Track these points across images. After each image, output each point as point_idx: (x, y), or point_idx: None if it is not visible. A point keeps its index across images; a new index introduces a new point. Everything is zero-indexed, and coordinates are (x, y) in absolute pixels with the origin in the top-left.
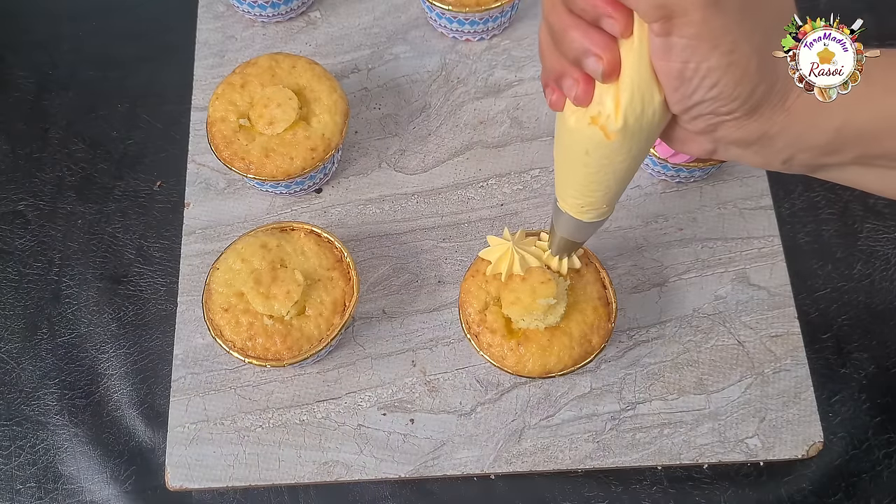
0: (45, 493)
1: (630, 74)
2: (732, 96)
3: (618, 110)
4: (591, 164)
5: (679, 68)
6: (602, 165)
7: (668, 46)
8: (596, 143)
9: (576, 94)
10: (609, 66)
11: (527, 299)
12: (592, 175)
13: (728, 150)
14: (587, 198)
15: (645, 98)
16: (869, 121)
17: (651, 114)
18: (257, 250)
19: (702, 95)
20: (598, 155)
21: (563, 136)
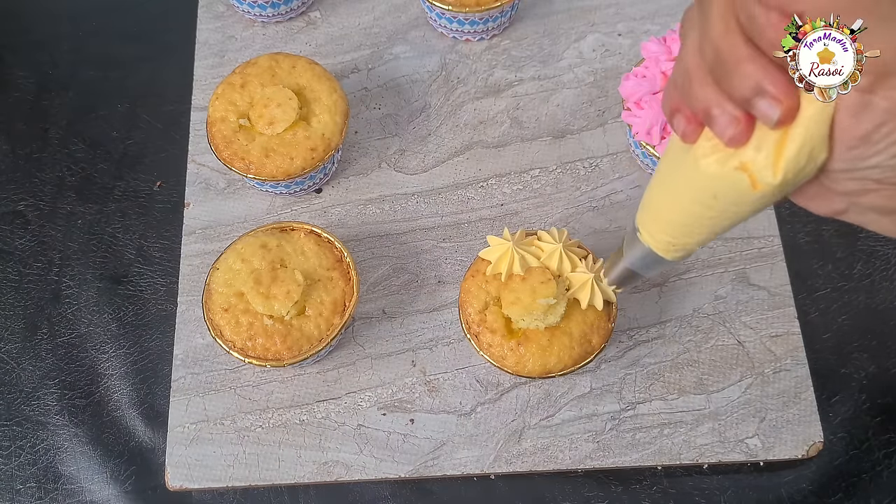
0: (45, 493)
1: (806, 125)
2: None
3: (778, 162)
4: (716, 208)
5: (868, 130)
6: (727, 213)
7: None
8: (734, 190)
9: (731, 134)
10: (786, 113)
11: (527, 299)
12: (708, 220)
13: (864, 214)
14: (685, 238)
15: (813, 153)
16: None
17: (811, 170)
18: (257, 250)
19: (878, 161)
20: (729, 202)
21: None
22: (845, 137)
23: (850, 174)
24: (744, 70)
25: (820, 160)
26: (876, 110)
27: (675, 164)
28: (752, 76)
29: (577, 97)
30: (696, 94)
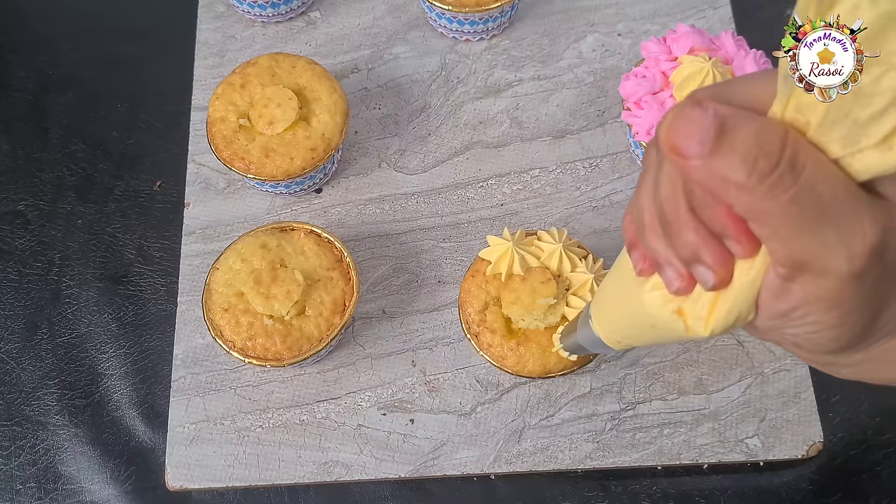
0: (45, 493)
1: (735, 293)
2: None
3: (710, 318)
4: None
5: (785, 310)
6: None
7: (784, 290)
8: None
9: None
10: (719, 282)
11: (527, 299)
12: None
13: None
14: (629, 341)
15: (740, 315)
16: None
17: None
18: (257, 250)
19: (796, 333)
20: (665, 333)
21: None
22: (766, 311)
23: (772, 334)
24: (685, 238)
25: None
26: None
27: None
28: (693, 245)
29: (576, 97)
30: (648, 243)
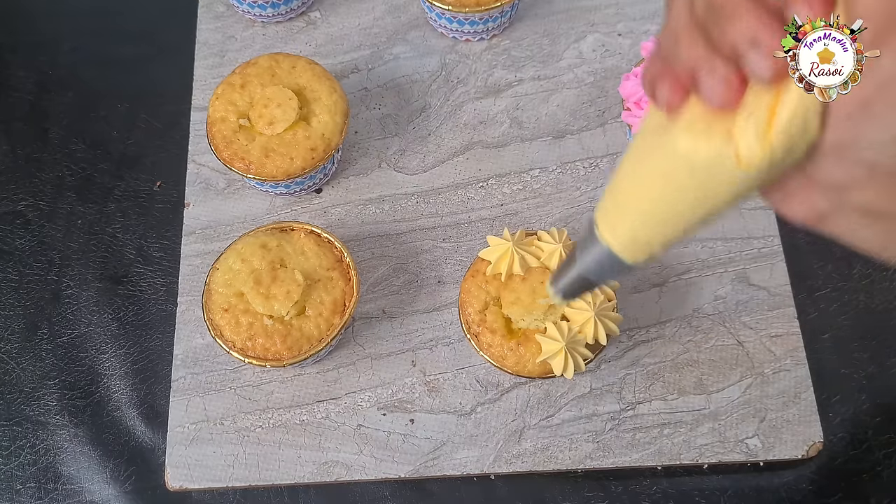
0: (45, 493)
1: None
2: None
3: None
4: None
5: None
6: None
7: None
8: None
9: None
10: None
11: (527, 299)
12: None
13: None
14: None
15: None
16: None
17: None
18: (257, 250)
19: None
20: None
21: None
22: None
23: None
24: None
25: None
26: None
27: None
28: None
29: (576, 97)
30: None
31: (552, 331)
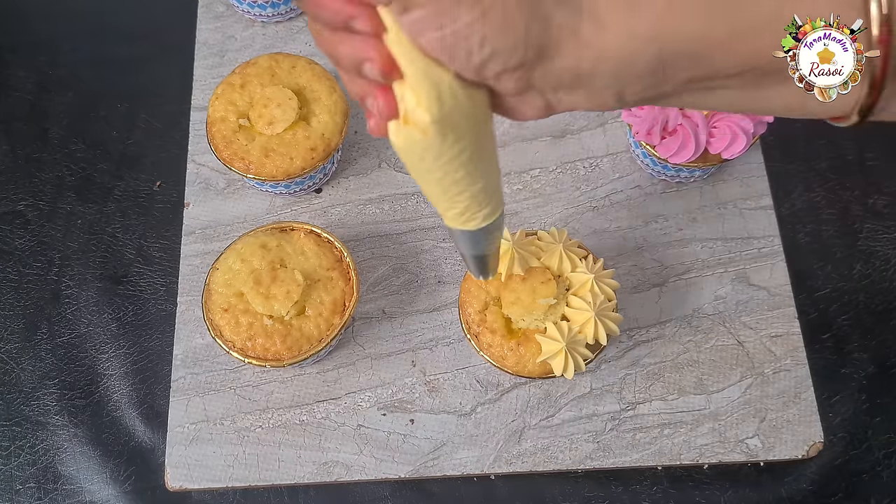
0: (44, 493)
1: (405, 65)
2: (508, 46)
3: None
4: (434, 168)
5: (438, 39)
6: (442, 165)
7: (416, 22)
8: (421, 146)
9: (379, 107)
10: (382, 63)
11: (527, 299)
12: (442, 180)
13: (558, 100)
14: (459, 204)
15: (434, 80)
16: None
17: (451, 94)
18: (257, 250)
19: (479, 57)
20: (431, 157)
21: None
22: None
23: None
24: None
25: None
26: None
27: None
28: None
29: None
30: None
31: (552, 331)
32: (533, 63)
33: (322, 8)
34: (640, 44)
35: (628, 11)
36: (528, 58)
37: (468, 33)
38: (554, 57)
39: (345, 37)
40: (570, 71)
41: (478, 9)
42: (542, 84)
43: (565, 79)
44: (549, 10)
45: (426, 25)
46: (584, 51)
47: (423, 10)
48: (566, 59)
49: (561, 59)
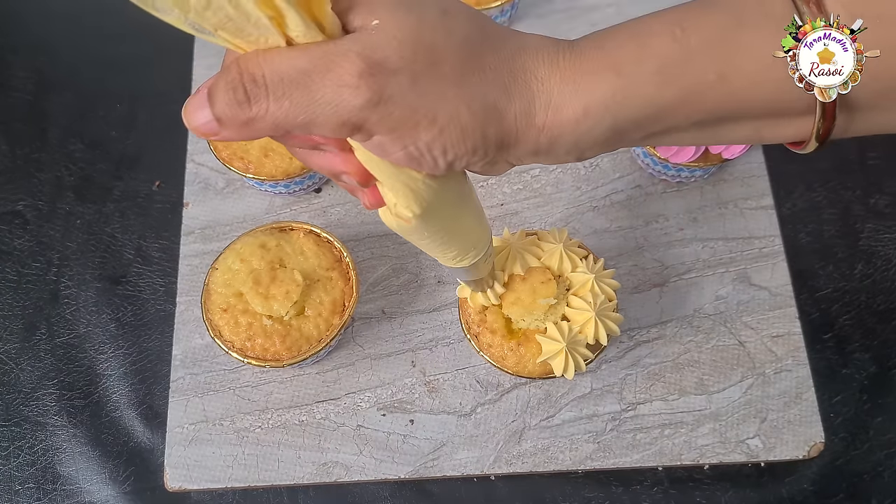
0: (43, 493)
1: (378, 175)
2: (469, 150)
3: (397, 202)
4: (422, 239)
5: (404, 155)
6: (430, 236)
7: (378, 146)
8: (408, 229)
9: (367, 201)
10: (359, 176)
11: (527, 299)
12: (431, 244)
13: (521, 162)
14: (449, 253)
15: (408, 182)
16: (636, 112)
17: (427, 188)
18: (256, 250)
19: (444, 162)
20: (418, 235)
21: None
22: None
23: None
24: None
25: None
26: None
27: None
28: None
29: None
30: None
31: (552, 331)
32: (495, 154)
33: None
34: (595, 118)
35: (580, 91)
36: (489, 153)
37: (430, 147)
38: (514, 145)
39: (317, 154)
40: (530, 150)
41: (434, 128)
42: (504, 159)
43: (527, 154)
44: (503, 106)
45: (389, 147)
46: (541, 134)
47: (384, 136)
48: (526, 144)
49: (521, 146)
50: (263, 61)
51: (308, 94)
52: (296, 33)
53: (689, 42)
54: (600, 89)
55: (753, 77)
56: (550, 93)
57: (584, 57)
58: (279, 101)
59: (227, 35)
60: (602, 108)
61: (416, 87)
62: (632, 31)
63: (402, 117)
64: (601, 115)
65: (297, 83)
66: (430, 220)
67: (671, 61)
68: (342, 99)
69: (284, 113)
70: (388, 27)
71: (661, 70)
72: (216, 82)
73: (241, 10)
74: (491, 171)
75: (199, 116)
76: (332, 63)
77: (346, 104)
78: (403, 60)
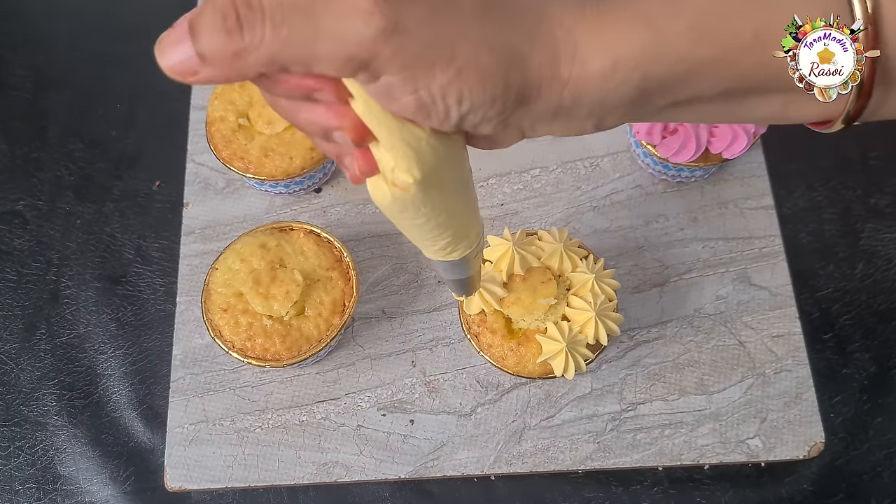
0: (44, 493)
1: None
2: (488, 99)
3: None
4: (416, 217)
5: (414, 102)
6: (425, 213)
7: (385, 89)
8: (402, 202)
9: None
10: (353, 130)
11: (527, 299)
12: (424, 225)
13: (533, 130)
14: (440, 241)
15: (410, 141)
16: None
17: (430, 150)
18: (256, 250)
19: (458, 113)
20: (413, 210)
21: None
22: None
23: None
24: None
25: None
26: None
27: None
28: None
29: None
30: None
31: (553, 331)
32: (513, 108)
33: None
34: (623, 74)
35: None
36: (508, 106)
37: (444, 93)
38: (535, 99)
39: (306, 105)
40: (551, 109)
41: (452, 69)
42: (519, 121)
43: (545, 115)
44: (527, 52)
45: (399, 91)
46: (564, 89)
47: (394, 76)
48: (548, 99)
49: (542, 101)
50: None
51: (312, 20)
52: None
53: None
54: (630, 43)
55: None
56: (577, 43)
57: (613, 6)
58: (277, 28)
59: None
60: (631, 63)
61: (434, 20)
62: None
63: (416, 53)
64: (630, 71)
65: (300, 7)
66: (430, 191)
67: (707, 16)
68: (352, 27)
69: (282, 43)
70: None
71: (695, 25)
72: (201, 10)
73: None
74: (500, 139)
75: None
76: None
77: (355, 33)
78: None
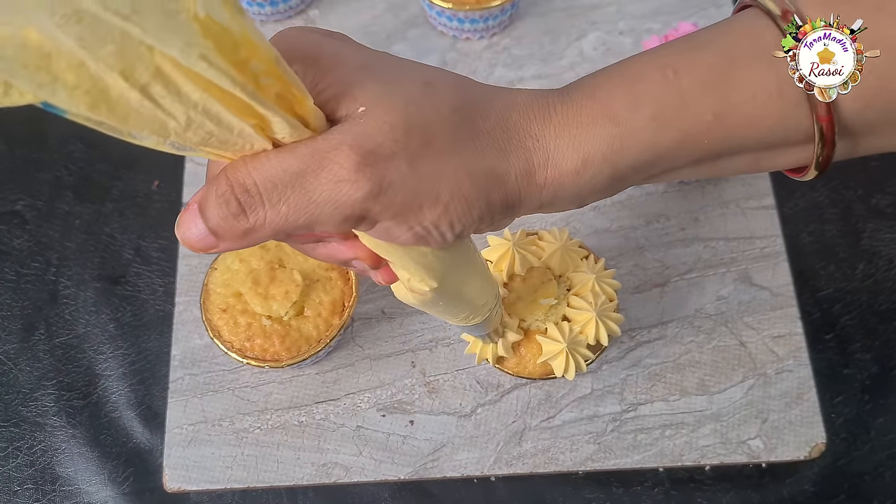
0: (42, 494)
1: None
2: (475, 219)
3: (411, 277)
4: (435, 308)
5: (412, 236)
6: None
7: (384, 231)
8: (424, 301)
9: (382, 279)
10: (369, 260)
11: (527, 299)
12: (445, 311)
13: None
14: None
15: (418, 258)
16: (635, 159)
17: (438, 259)
18: (255, 250)
19: (452, 235)
20: (433, 303)
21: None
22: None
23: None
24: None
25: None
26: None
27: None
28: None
29: None
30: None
31: (553, 331)
32: (501, 217)
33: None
34: (595, 168)
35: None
36: (496, 217)
37: (437, 224)
38: (518, 206)
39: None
40: (534, 208)
41: (439, 206)
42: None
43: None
44: (503, 170)
45: (395, 231)
46: (543, 191)
47: (386, 222)
48: (529, 203)
49: (525, 205)
50: (253, 169)
51: (305, 195)
52: (282, 135)
53: (682, 84)
54: (597, 139)
55: (750, 114)
56: (547, 149)
57: (577, 107)
58: (276, 207)
59: (210, 149)
60: (600, 157)
61: (414, 169)
62: (623, 77)
63: (405, 201)
64: (600, 164)
65: (292, 186)
66: (445, 287)
67: (666, 105)
68: (342, 194)
69: (283, 218)
70: (376, 112)
71: (656, 115)
72: (206, 196)
73: (223, 124)
74: (497, 229)
75: (194, 231)
76: (324, 160)
77: (346, 199)
78: (397, 144)
